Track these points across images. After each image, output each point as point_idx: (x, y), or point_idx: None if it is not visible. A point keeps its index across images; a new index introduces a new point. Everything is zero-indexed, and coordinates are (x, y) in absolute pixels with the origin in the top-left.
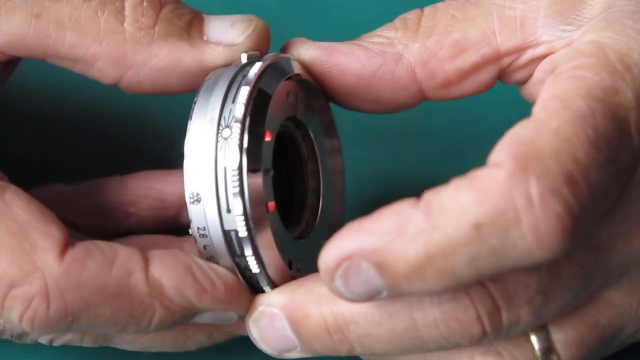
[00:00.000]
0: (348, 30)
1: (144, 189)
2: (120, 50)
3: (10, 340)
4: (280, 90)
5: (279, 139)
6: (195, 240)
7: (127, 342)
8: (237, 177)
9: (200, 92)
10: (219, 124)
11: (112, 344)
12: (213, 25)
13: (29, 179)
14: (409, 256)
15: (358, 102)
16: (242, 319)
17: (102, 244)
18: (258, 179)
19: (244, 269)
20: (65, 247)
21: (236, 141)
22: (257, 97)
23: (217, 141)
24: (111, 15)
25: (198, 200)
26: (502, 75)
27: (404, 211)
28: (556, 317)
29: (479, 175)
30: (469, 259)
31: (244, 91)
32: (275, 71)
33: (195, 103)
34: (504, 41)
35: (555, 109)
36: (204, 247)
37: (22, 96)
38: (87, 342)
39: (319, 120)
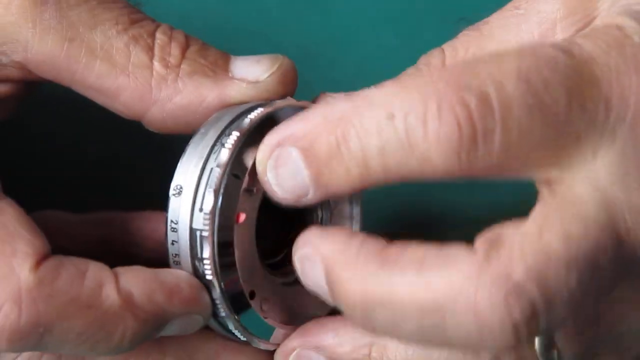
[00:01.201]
0: (348, 30)
1: (148, 231)
2: (147, 85)
3: None
4: None
5: None
6: (166, 234)
7: None
8: (217, 180)
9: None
10: (219, 136)
11: None
12: (239, 63)
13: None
14: (330, 139)
15: None
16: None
17: (74, 258)
18: (238, 184)
19: (201, 276)
20: (43, 259)
21: (229, 146)
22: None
23: (213, 145)
24: (142, 50)
25: (179, 193)
26: None
27: (334, 101)
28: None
29: (410, 74)
30: (379, 147)
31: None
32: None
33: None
34: None
35: (524, 45)
36: (172, 242)
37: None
38: None
39: None
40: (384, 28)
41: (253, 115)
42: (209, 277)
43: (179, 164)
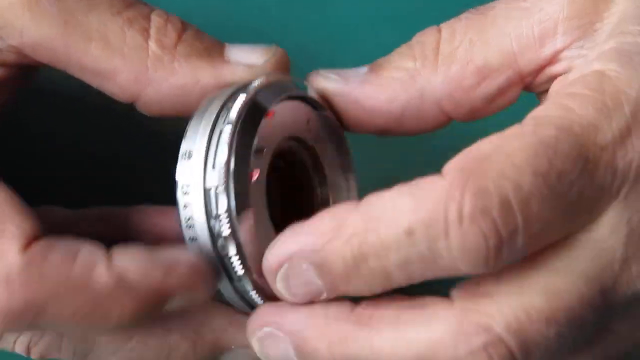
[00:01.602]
0: (348, 30)
1: (147, 225)
2: (142, 66)
3: None
4: (289, 108)
5: (290, 165)
6: (177, 199)
7: (109, 351)
8: (228, 136)
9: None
10: (222, 108)
11: (94, 355)
12: (234, 49)
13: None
14: (346, 257)
15: (377, 131)
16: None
17: (66, 239)
18: (249, 142)
19: (216, 235)
20: (32, 240)
21: (238, 106)
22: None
23: (220, 110)
24: (137, 32)
25: (189, 157)
26: (525, 88)
27: (344, 212)
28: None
29: (421, 183)
30: (401, 263)
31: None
32: (278, 88)
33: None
34: (525, 63)
35: (525, 131)
36: (184, 206)
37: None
38: (67, 349)
39: (336, 154)
40: (384, 27)
41: (259, 80)
42: (225, 234)
43: (185, 134)
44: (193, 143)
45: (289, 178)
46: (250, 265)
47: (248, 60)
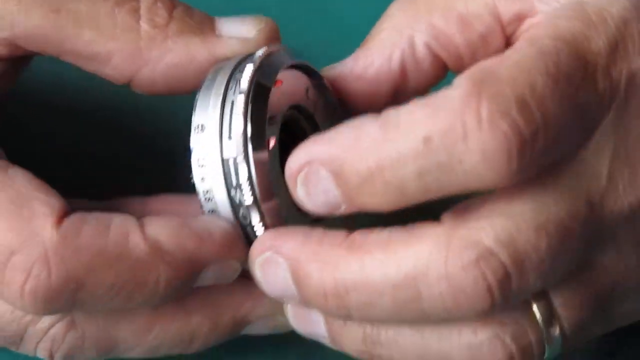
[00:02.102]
0: (348, 30)
1: (166, 215)
2: (136, 46)
3: (6, 346)
4: (293, 78)
5: (289, 128)
6: (193, 174)
7: (130, 345)
8: (242, 106)
9: (208, 75)
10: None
11: (117, 350)
12: (225, 23)
13: None
14: (361, 166)
15: (389, 100)
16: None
17: (97, 212)
18: (262, 107)
19: (237, 205)
20: (62, 216)
21: (247, 75)
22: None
23: (228, 82)
24: (127, 13)
25: (202, 130)
26: (507, 44)
27: (363, 123)
28: (555, 283)
29: (436, 94)
30: (417, 173)
31: (249, 67)
32: (280, 57)
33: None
34: (505, 11)
35: (521, 46)
36: (202, 179)
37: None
38: (90, 348)
39: (335, 123)
40: None
41: (263, 50)
42: (248, 202)
43: (195, 108)
44: (205, 116)
45: (292, 147)
46: None
47: (240, 34)
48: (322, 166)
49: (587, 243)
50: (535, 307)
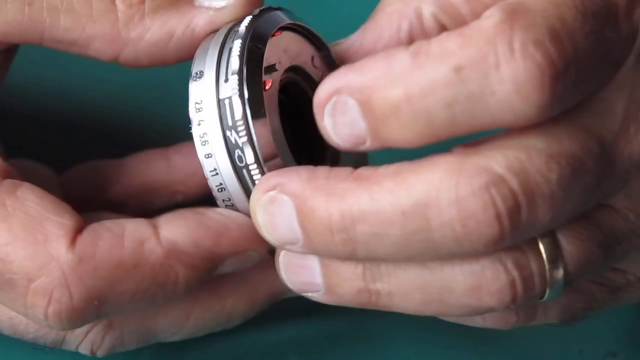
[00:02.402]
0: (348, 29)
1: (191, 167)
2: (115, 29)
3: (45, 346)
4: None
5: (293, 94)
6: (190, 119)
7: (170, 334)
8: (239, 47)
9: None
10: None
11: (157, 339)
12: None
13: None
14: (389, 94)
15: None
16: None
17: (108, 222)
18: (259, 53)
19: (233, 146)
20: (76, 233)
21: (245, 23)
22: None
23: (226, 34)
24: None
25: (200, 77)
26: None
27: (394, 53)
28: (563, 223)
29: (468, 25)
30: (447, 103)
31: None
32: (281, 15)
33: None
34: None
35: None
36: (199, 123)
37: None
38: (130, 343)
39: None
40: None
41: (263, 7)
42: (242, 141)
43: (194, 59)
44: (203, 64)
45: (300, 118)
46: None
47: (218, 3)
48: (351, 95)
49: (598, 182)
50: (540, 244)
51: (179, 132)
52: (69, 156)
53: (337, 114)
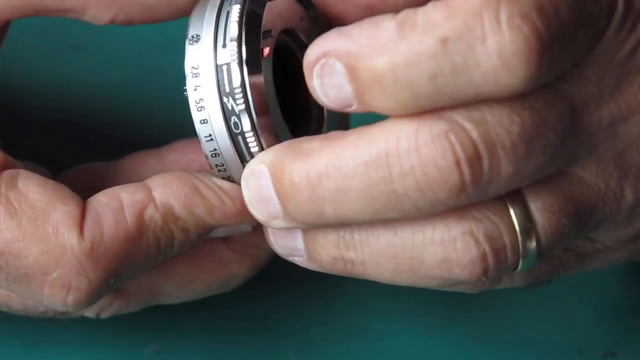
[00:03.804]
0: None
1: (183, 163)
2: None
3: (54, 318)
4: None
5: (282, 55)
6: (186, 83)
7: (172, 297)
8: (237, 13)
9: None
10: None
11: (158, 301)
12: None
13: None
14: (374, 63)
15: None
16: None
17: (103, 197)
18: (257, 19)
19: (230, 112)
20: (81, 221)
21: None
22: None
23: (221, 1)
24: None
25: (197, 41)
26: None
27: (381, 21)
28: (531, 184)
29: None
30: (431, 74)
31: None
32: None
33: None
34: None
35: None
36: (195, 88)
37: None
38: (135, 307)
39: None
40: None
41: None
42: (240, 108)
43: (190, 22)
44: (200, 27)
45: (288, 78)
46: (263, 142)
47: None
48: (338, 59)
49: (562, 140)
50: (511, 210)
51: (178, 132)
52: (65, 158)
53: (325, 75)
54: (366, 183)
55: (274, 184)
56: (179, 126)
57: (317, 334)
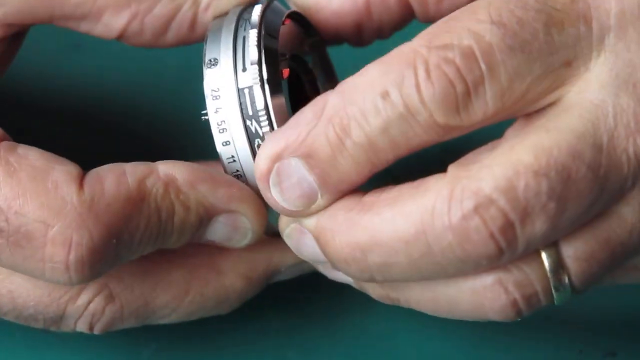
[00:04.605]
0: None
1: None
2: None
3: (45, 328)
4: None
5: (292, 83)
6: (207, 105)
7: (168, 311)
8: (255, 37)
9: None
10: (235, 32)
11: (155, 317)
12: None
13: None
14: (330, 135)
15: (354, 35)
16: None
17: (106, 166)
18: (274, 43)
19: (253, 135)
20: (81, 179)
21: (257, 12)
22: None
23: (237, 21)
24: None
25: (215, 64)
26: None
27: (320, 99)
28: (568, 232)
29: (390, 53)
30: (383, 127)
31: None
32: (275, 12)
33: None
34: None
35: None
36: (216, 110)
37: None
38: (129, 318)
39: (320, 64)
40: None
41: None
42: (264, 131)
43: (206, 45)
44: (217, 51)
45: (295, 101)
46: None
47: None
48: (293, 154)
49: (600, 188)
50: (544, 260)
51: (179, 132)
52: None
53: (283, 178)
54: (409, 258)
55: (320, 247)
56: (180, 125)
57: (317, 334)
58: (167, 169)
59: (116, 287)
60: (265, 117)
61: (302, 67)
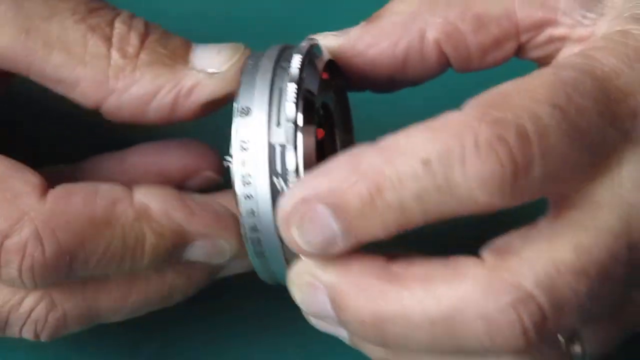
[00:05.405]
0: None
1: (143, 165)
2: (103, 75)
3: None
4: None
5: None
6: (232, 156)
7: (114, 311)
8: (294, 94)
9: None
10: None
11: (100, 320)
12: (199, 52)
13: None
14: (362, 191)
15: (383, 84)
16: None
17: (82, 183)
18: (311, 99)
19: (278, 192)
20: (45, 189)
21: (296, 65)
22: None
23: (274, 69)
24: (99, 40)
25: (247, 114)
26: (519, 51)
27: (360, 151)
28: (590, 321)
29: (438, 117)
30: (417, 194)
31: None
32: (312, 62)
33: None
34: (524, 17)
35: (546, 71)
36: (243, 162)
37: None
38: (73, 323)
39: (338, 107)
40: None
41: (309, 42)
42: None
43: (239, 92)
44: (251, 100)
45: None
46: None
47: (212, 65)
48: (321, 201)
49: (626, 283)
50: (562, 342)
51: (180, 131)
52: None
53: (306, 221)
54: (430, 336)
55: (334, 307)
56: (180, 125)
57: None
58: (142, 196)
59: (57, 295)
60: (294, 179)
61: (325, 112)
